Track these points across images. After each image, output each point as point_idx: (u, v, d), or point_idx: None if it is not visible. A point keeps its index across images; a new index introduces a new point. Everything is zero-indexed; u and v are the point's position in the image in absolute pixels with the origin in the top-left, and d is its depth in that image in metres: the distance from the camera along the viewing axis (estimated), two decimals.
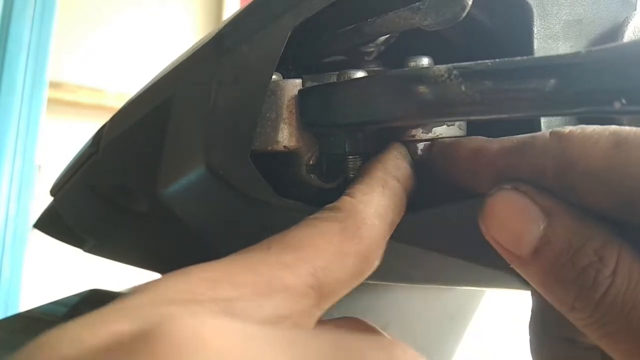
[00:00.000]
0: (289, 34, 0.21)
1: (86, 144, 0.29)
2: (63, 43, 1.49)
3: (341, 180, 0.23)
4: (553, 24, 0.23)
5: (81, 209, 0.32)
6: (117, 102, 0.59)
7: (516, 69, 0.16)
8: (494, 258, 0.18)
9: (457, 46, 0.26)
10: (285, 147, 0.22)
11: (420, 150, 0.22)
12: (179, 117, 0.22)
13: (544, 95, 0.15)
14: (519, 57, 0.16)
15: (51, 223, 0.34)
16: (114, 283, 0.38)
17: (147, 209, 0.27)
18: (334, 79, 0.23)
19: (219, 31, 0.21)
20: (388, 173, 0.20)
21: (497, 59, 0.17)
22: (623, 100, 0.14)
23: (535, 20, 0.23)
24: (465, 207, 0.20)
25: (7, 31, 1.25)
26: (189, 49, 0.24)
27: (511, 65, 0.16)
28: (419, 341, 0.39)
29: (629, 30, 0.23)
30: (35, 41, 1.29)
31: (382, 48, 0.25)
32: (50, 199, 0.33)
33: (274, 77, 0.22)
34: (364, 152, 0.23)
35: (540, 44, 0.23)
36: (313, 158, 0.23)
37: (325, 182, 0.23)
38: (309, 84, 0.23)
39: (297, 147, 0.22)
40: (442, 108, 0.17)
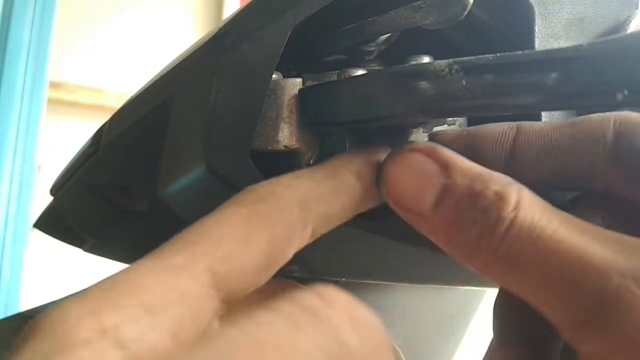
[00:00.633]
0: (290, 33, 0.21)
1: (86, 144, 0.29)
2: (63, 43, 1.49)
3: None
4: (554, 22, 0.23)
5: (81, 209, 0.31)
6: (117, 102, 0.59)
7: (517, 63, 0.16)
8: None
9: (458, 45, 0.26)
10: (285, 146, 0.22)
11: None
12: (178, 116, 0.22)
13: (545, 89, 0.15)
14: (520, 52, 0.16)
15: (51, 223, 0.34)
16: None
17: (147, 209, 0.27)
18: (334, 78, 0.23)
19: (219, 30, 0.21)
20: (345, 164, 0.18)
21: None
22: (625, 92, 0.13)
23: (536, 18, 0.23)
24: None
25: (7, 31, 1.25)
26: (188, 49, 0.24)
27: (512, 59, 0.16)
28: (420, 341, 0.39)
29: (631, 28, 0.23)
30: (35, 41, 1.29)
31: (383, 47, 0.25)
32: (50, 198, 0.33)
33: (274, 76, 0.22)
34: None
35: (541, 43, 0.23)
36: (314, 157, 0.23)
37: None
38: (310, 83, 0.23)
39: (298, 146, 0.22)
40: (443, 103, 0.17)
